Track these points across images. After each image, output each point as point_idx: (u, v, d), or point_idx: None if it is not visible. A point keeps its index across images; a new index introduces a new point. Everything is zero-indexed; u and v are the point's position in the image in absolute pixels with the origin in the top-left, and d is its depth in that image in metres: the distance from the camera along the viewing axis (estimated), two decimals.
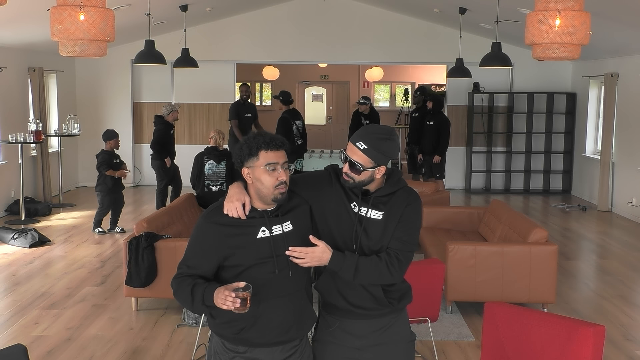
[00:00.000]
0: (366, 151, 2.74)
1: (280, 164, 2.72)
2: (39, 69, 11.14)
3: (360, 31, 13.09)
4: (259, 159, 2.71)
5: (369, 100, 12.17)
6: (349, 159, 2.77)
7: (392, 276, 2.80)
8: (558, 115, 13.07)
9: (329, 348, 2.95)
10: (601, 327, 3.20)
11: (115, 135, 9.08)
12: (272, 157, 2.71)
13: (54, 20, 4.63)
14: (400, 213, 2.83)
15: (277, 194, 2.74)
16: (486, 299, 5.59)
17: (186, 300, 2.73)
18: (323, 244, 2.74)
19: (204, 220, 2.80)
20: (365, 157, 2.74)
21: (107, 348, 5.35)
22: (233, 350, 2.81)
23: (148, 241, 5.88)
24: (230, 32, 13.05)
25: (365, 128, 2.80)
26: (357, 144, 2.75)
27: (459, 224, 7.77)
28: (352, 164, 2.76)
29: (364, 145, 2.74)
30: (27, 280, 7.10)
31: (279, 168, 2.72)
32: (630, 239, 9.43)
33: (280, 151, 2.73)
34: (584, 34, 5.11)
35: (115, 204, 9.15)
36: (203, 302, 2.67)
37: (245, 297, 2.60)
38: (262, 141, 2.71)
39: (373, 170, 2.77)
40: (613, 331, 5.75)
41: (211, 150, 7.89)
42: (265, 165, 2.70)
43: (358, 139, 2.77)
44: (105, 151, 8.99)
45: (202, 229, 2.79)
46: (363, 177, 2.78)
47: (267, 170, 2.70)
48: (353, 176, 2.78)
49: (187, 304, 2.74)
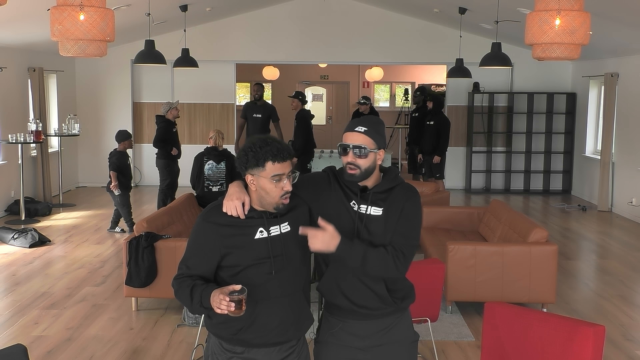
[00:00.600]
0: (367, 132, 2.80)
1: (286, 175, 2.72)
2: (39, 69, 11.14)
3: (360, 31, 13.09)
4: (265, 169, 2.69)
5: (369, 100, 12.17)
6: (351, 145, 2.79)
7: (397, 270, 2.79)
8: (558, 115, 13.07)
9: (332, 349, 2.95)
10: (601, 327, 3.20)
11: (129, 136, 9.11)
12: (279, 168, 2.70)
13: (54, 20, 4.63)
14: (400, 209, 2.83)
15: (280, 204, 2.74)
16: (486, 299, 5.59)
17: (186, 301, 2.74)
18: (332, 228, 2.71)
19: (202, 220, 2.79)
20: (367, 139, 2.80)
21: (107, 348, 5.35)
22: (230, 350, 2.81)
23: (148, 241, 5.88)
24: (230, 32, 13.05)
25: (356, 118, 2.89)
26: (357, 128, 2.81)
27: (459, 224, 7.77)
28: (357, 147, 2.78)
29: (364, 128, 2.80)
30: (27, 280, 7.10)
31: (284, 179, 2.71)
32: (630, 239, 9.43)
33: (286, 162, 2.72)
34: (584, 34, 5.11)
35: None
36: (201, 304, 2.68)
37: (240, 300, 2.58)
38: (269, 152, 2.68)
39: (375, 154, 2.81)
40: (613, 331, 5.75)
41: (211, 150, 7.88)
42: (272, 176, 2.70)
43: (356, 124, 2.84)
44: (121, 152, 8.98)
45: (200, 228, 2.79)
46: (368, 163, 2.80)
47: (272, 181, 2.70)
48: (358, 163, 2.79)
49: (187, 305, 2.75)
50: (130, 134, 9.16)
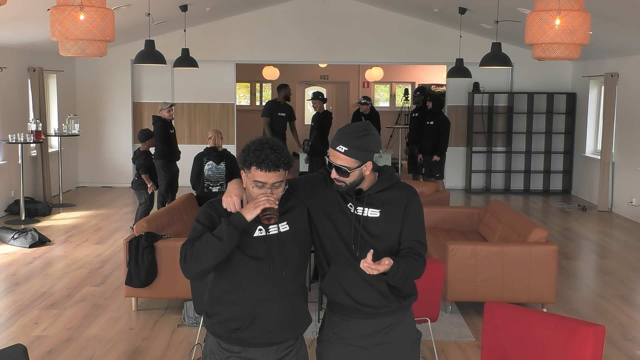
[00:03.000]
0: (348, 152, 2.75)
1: (269, 184, 2.70)
2: (39, 69, 11.14)
3: (360, 31, 13.09)
4: (251, 172, 2.71)
5: (370, 100, 12.17)
6: (333, 164, 2.79)
7: (419, 274, 2.87)
8: (558, 115, 13.07)
9: (335, 348, 2.96)
10: (601, 327, 3.20)
11: (152, 134, 9.06)
12: (261, 176, 2.69)
13: (54, 20, 4.63)
14: (401, 210, 2.85)
15: None
16: (486, 299, 5.58)
17: (210, 244, 2.64)
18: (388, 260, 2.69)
19: (208, 207, 2.82)
20: (348, 159, 2.76)
21: (107, 348, 5.35)
22: (228, 350, 2.82)
23: (148, 241, 5.88)
24: (231, 32, 13.05)
25: (340, 130, 2.81)
26: (337, 148, 2.77)
27: (459, 224, 7.77)
28: (338, 169, 2.77)
29: (344, 148, 2.75)
30: (27, 280, 7.10)
31: (267, 187, 2.70)
32: (630, 239, 9.43)
33: (270, 173, 2.68)
34: (584, 34, 5.11)
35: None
36: (230, 223, 2.64)
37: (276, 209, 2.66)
38: (255, 158, 2.68)
39: (360, 168, 2.79)
40: (613, 331, 5.75)
41: (210, 150, 7.88)
42: (254, 181, 2.71)
43: (337, 143, 2.78)
44: (147, 152, 8.93)
45: (206, 213, 2.80)
46: (352, 178, 2.80)
47: (256, 184, 2.71)
48: (343, 180, 2.80)
49: (213, 247, 2.64)
50: (152, 133, 9.09)
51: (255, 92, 19.28)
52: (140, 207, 8.94)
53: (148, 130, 9.09)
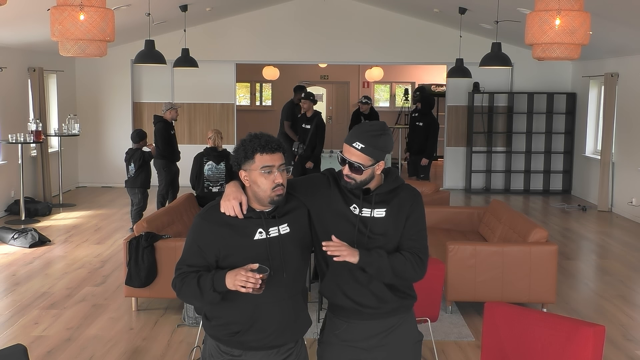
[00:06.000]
0: (364, 150, 2.74)
1: (276, 167, 2.70)
2: (39, 69, 11.14)
3: (360, 31, 13.09)
4: (255, 161, 2.70)
5: (370, 100, 12.17)
6: (347, 160, 2.77)
7: (416, 274, 2.83)
8: (558, 115, 13.07)
9: (336, 349, 2.95)
10: (601, 327, 3.20)
11: (145, 135, 9.14)
12: (268, 160, 2.69)
13: (54, 20, 4.63)
14: (406, 211, 2.85)
15: (274, 196, 2.72)
16: (486, 299, 5.58)
17: (194, 293, 2.69)
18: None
19: (201, 219, 2.78)
20: (364, 156, 2.75)
21: (107, 348, 5.35)
22: (228, 353, 2.80)
23: (148, 241, 5.88)
24: (231, 32, 13.05)
25: (358, 127, 2.80)
26: (354, 144, 2.75)
27: (459, 224, 7.77)
28: (352, 165, 2.76)
29: (360, 145, 2.74)
30: (27, 280, 7.10)
31: (274, 171, 2.70)
32: (630, 239, 9.43)
33: (276, 154, 2.70)
34: (584, 34, 5.11)
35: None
36: (213, 288, 2.65)
37: (264, 280, 2.59)
38: (257, 144, 2.69)
39: (373, 167, 2.78)
40: (613, 331, 5.75)
41: (210, 151, 7.88)
42: (261, 168, 2.69)
43: (353, 139, 2.77)
44: (146, 152, 9.01)
45: (199, 228, 2.77)
46: (364, 177, 2.78)
47: (263, 173, 2.69)
48: (354, 177, 2.78)
49: (196, 297, 2.70)
50: (146, 134, 9.16)
51: (255, 92, 19.29)
52: (134, 208, 8.98)
53: (142, 130, 9.15)
